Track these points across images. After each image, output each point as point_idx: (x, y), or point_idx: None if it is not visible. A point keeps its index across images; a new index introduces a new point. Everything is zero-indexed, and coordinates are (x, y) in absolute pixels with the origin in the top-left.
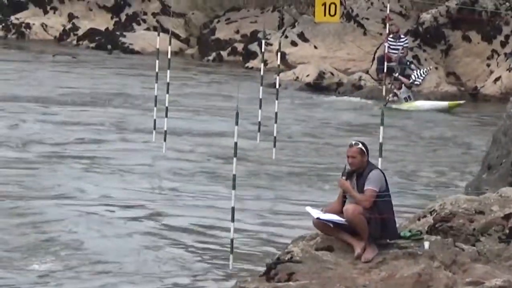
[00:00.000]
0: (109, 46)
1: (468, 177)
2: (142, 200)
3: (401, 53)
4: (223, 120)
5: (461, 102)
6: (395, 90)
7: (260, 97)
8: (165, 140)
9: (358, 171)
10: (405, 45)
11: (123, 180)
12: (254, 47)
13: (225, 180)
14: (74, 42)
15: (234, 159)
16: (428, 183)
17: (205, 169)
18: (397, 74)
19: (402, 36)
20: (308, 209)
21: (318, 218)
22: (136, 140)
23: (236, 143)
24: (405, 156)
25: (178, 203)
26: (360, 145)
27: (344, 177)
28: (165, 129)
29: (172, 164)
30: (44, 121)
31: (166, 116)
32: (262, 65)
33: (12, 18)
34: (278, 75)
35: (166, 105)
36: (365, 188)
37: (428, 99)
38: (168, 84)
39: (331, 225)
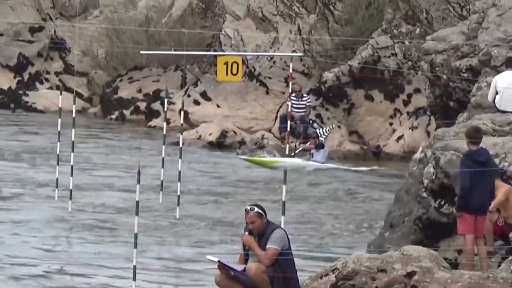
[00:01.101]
0: (12, 105)
1: (370, 235)
2: (41, 258)
3: (303, 111)
4: (127, 176)
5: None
6: (311, 150)
7: (163, 155)
8: (70, 198)
9: (260, 232)
10: (307, 104)
11: (24, 236)
12: (157, 106)
13: (128, 238)
14: None
15: (136, 217)
16: (331, 240)
17: (107, 225)
18: (300, 135)
19: (305, 94)
20: (209, 257)
21: (219, 261)
22: (39, 197)
23: (138, 202)
24: (308, 213)
25: (80, 261)
26: (257, 209)
27: (246, 233)
28: (70, 187)
29: (75, 221)
30: None
31: (72, 174)
32: (164, 124)
33: None
34: (182, 134)
35: (71, 163)
36: (267, 246)
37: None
38: (73, 142)
39: (232, 272)
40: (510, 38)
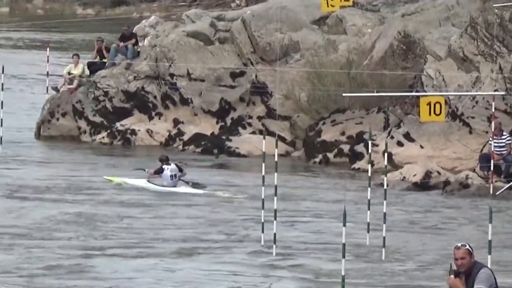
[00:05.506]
0: (215, 150)
1: None
2: None
3: (504, 150)
4: (331, 221)
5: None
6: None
7: (368, 197)
8: (274, 242)
9: (467, 272)
10: (507, 142)
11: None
12: (360, 148)
13: (330, 279)
14: (180, 147)
15: (343, 260)
16: None
17: (313, 270)
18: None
19: (504, 133)
20: None
21: None
22: (244, 240)
23: (344, 244)
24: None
25: None
26: (467, 246)
27: (452, 276)
28: (274, 231)
29: (277, 272)
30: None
31: (275, 218)
32: (369, 166)
33: (117, 124)
34: (386, 176)
35: (275, 207)
36: (475, 286)
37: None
38: (276, 186)
39: None
40: None
